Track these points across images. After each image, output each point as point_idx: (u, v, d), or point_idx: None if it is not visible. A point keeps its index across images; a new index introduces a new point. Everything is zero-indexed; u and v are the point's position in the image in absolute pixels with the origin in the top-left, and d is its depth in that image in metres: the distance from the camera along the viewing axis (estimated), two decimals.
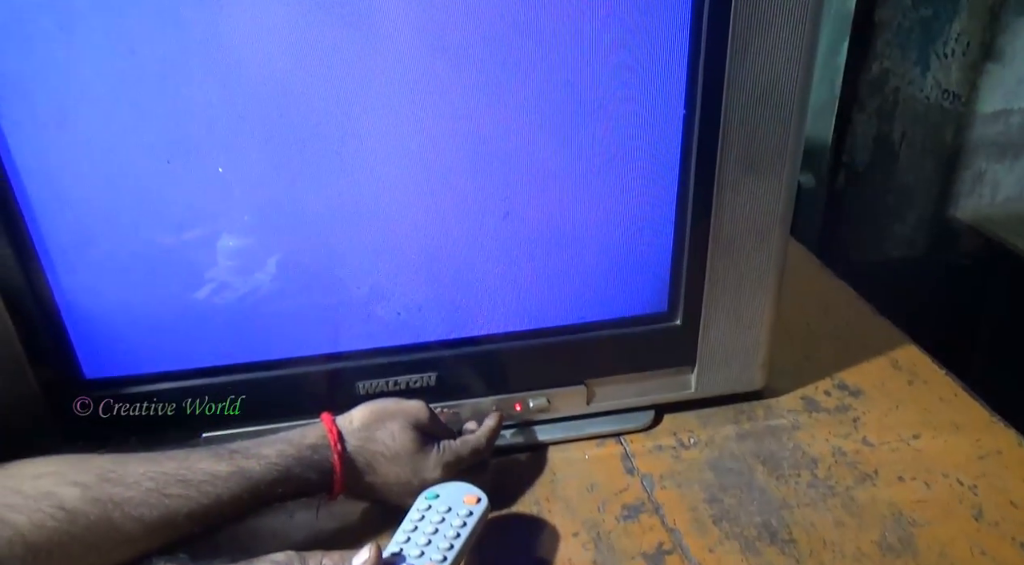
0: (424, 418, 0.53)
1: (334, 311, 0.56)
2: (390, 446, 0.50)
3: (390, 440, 0.51)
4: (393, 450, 0.50)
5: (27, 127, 0.46)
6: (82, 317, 0.52)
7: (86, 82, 0.45)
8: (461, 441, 0.54)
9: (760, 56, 0.50)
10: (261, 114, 0.48)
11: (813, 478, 0.58)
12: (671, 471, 0.59)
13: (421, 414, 0.53)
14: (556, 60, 0.49)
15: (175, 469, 0.45)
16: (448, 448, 0.52)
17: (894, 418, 0.63)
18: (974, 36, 1.05)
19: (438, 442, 0.53)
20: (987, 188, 1.18)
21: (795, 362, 0.69)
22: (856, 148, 1.18)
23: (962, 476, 0.57)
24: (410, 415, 0.52)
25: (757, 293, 0.59)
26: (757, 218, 0.55)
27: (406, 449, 0.51)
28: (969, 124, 1.11)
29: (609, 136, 0.52)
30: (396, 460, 0.51)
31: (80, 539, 0.41)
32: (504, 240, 0.55)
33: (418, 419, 0.52)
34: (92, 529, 0.41)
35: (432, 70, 0.48)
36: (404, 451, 0.51)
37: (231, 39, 0.46)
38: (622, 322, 0.60)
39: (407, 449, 0.51)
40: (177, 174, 0.49)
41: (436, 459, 0.51)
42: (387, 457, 0.50)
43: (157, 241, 0.51)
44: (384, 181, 0.51)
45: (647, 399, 0.63)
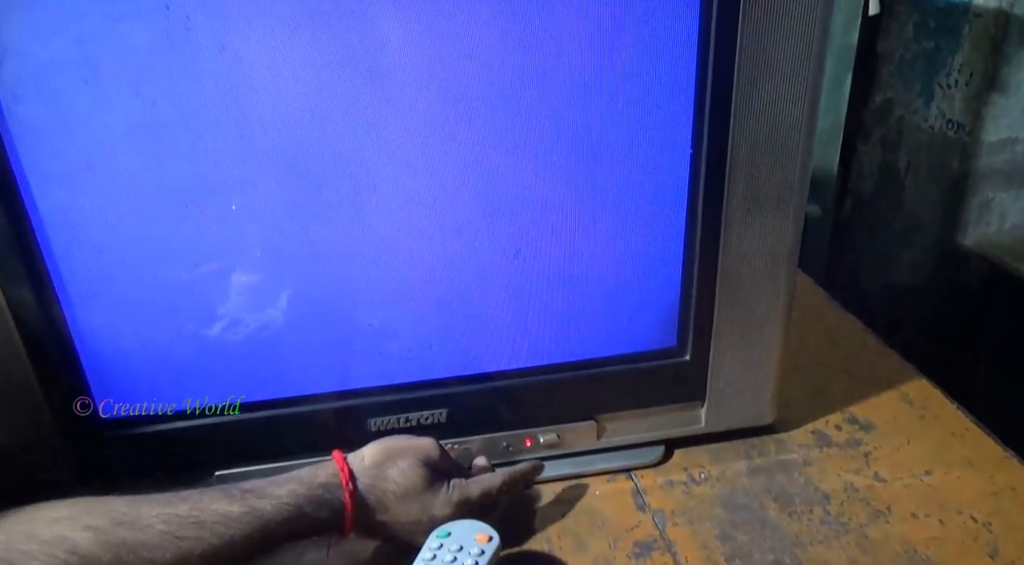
0: (435, 455, 0.53)
1: (346, 348, 0.56)
2: (400, 483, 0.51)
3: (400, 477, 0.51)
4: (403, 487, 0.51)
5: (52, 175, 0.47)
6: (98, 358, 0.53)
7: (109, 132, 0.46)
8: (472, 481, 0.54)
9: (766, 95, 0.51)
10: (278, 160, 0.49)
11: (826, 514, 0.57)
12: (683, 507, 0.59)
13: (432, 451, 0.53)
14: (564, 105, 0.50)
15: (188, 511, 0.45)
16: (458, 487, 0.52)
17: (906, 453, 0.63)
18: (976, 67, 1.06)
19: (448, 480, 0.53)
20: (994, 216, 1.18)
21: (805, 396, 0.69)
22: (862, 177, 1.18)
23: (976, 513, 0.57)
24: (420, 452, 0.52)
25: (766, 328, 0.59)
26: (765, 254, 0.56)
27: (416, 487, 0.51)
28: (974, 153, 1.12)
29: (617, 176, 0.53)
30: (406, 498, 0.51)
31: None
32: (514, 278, 0.55)
33: (428, 456, 0.52)
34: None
35: (444, 119, 0.49)
36: (414, 488, 0.51)
37: (250, 90, 0.47)
38: (631, 358, 0.60)
39: (417, 487, 0.51)
40: (195, 216, 0.50)
41: (446, 497, 0.52)
42: (397, 495, 0.51)
43: (172, 280, 0.52)
44: (396, 223, 0.52)
45: (657, 434, 0.63)
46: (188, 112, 0.47)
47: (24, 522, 0.42)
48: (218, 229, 0.51)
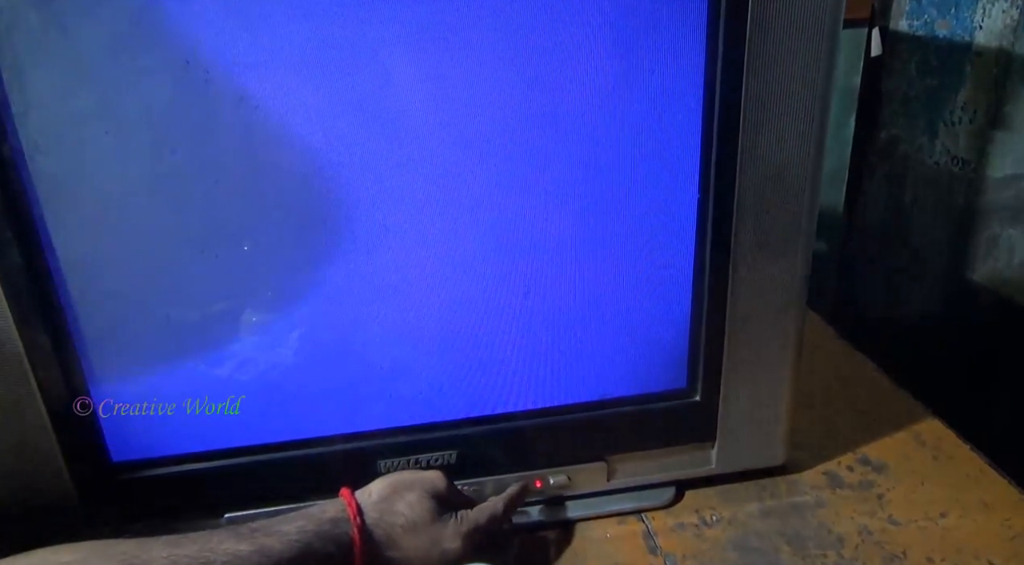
0: (442, 487, 0.53)
1: (356, 389, 0.56)
2: (408, 516, 0.50)
3: (408, 510, 0.51)
4: (411, 520, 0.50)
5: (71, 222, 0.48)
6: (111, 400, 0.53)
7: (128, 180, 0.47)
8: (478, 509, 0.54)
9: (771, 139, 0.52)
10: (291, 204, 0.50)
11: (840, 559, 0.57)
12: (694, 551, 0.58)
13: (439, 483, 0.53)
14: (574, 149, 0.51)
15: (197, 552, 0.45)
16: (466, 517, 0.52)
17: (920, 495, 0.62)
18: (980, 104, 1.07)
19: (456, 512, 0.53)
20: (1003, 252, 1.18)
21: (815, 436, 0.68)
22: (868, 213, 1.19)
23: (994, 558, 0.56)
24: (428, 485, 0.52)
25: (776, 368, 0.59)
26: (773, 295, 0.56)
27: (424, 519, 0.51)
28: (980, 189, 1.12)
29: (626, 218, 0.54)
30: (415, 530, 0.50)
31: None
32: (524, 318, 0.56)
33: (436, 488, 0.53)
34: None
35: (454, 161, 0.50)
36: (422, 521, 0.51)
37: (266, 138, 0.48)
38: (642, 399, 0.60)
39: (425, 519, 0.51)
40: (209, 261, 0.50)
41: (454, 528, 0.51)
42: (406, 527, 0.50)
43: (184, 320, 0.52)
44: (406, 263, 0.53)
45: (668, 475, 0.63)
46: (205, 161, 0.48)
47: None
48: (230, 271, 0.51)
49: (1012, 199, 1.14)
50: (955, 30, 1.06)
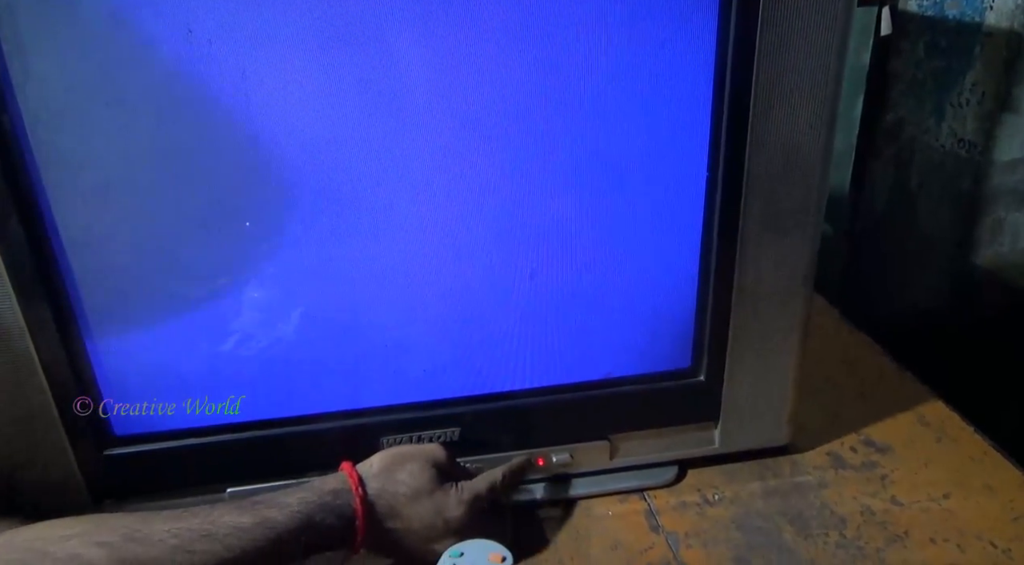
0: (442, 458, 0.53)
1: (359, 367, 0.56)
2: (410, 485, 0.51)
3: (410, 479, 0.51)
4: (413, 489, 0.51)
5: (72, 195, 0.47)
6: (113, 375, 0.53)
7: (130, 154, 0.47)
8: (479, 477, 0.54)
9: (783, 117, 0.51)
10: (296, 181, 0.49)
11: (842, 538, 0.57)
12: (696, 529, 0.58)
13: (439, 455, 0.54)
14: (580, 127, 0.50)
15: (199, 524, 0.45)
16: (466, 486, 0.53)
17: (923, 477, 0.62)
18: (988, 86, 1.06)
19: (457, 481, 0.53)
20: (1007, 236, 1.17)
21: (819, 417, 0.68)
22: (874, 196, 1.18)
23: (996, 539, 0.56)
24: (429, 455, 0.53)
25: (781, 349, 0.59)
26: (781, 275, 0.56)
27: (426, 487, 0.51)
28: (986, 173, 1.11)
29: (633, 197, 0.53)
30: (417, 499, 0.51)
31: None
32: (529, 298, 0.55)
33: (436, 459, 0.53)
34: None
35: (460, 140, 0.50)
36: (424, 489, 0.51)
37: (270, 113, 0.47)
38: (646, 378, 0.60)
39: (427, 487, 0.51)
40: (212, 236, 0.50)
41: (456, 497, 0.52)
42: (408, 497, 0.51)
43: (187, 297, 0.52)
44: (411, 243, 0.52)
45: (671, 454, 0.63)
46: (208, 135, 0.47)
47: (36, 540, 0.42)
48: (234, 247, 0.51)
49: (1018, 183, 1.13)
50: (965, 10, 1.05)
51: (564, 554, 0.56)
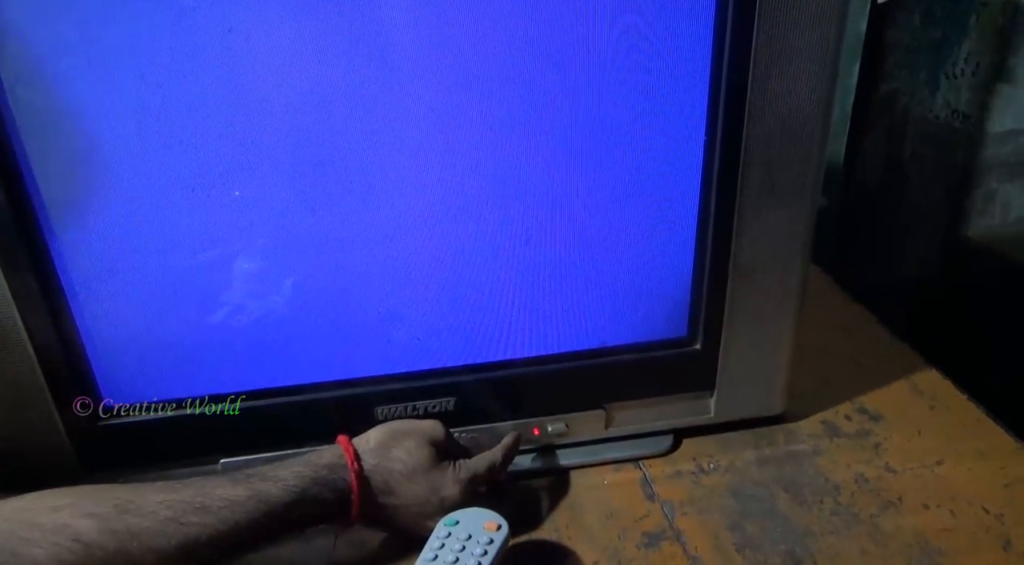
0: (440, 436, 0.53)
1: (353, 336, 0.55)
2: (407, 462, 0.50)
3: (406, 456, 0.50)
4: (410, 466, 0.50)
5: (55, 158, 0.46)
6: (102, 345, 0.52)
7: (113, 115, 0.45)
8: (476, 458, 0.54)
9: (782, 82, 0.50)
10: (285, 144, 0.48)
11: (836, 505, 0.57)
12: (691, 497, 0.58)
13: (437, 432, 0.53)
14: (577, 91, 0.49)
15: (192, 496, 0.45)
16: (464, 465, 0.52)
17: (917, 444, 0.62)
18: (983, 57, 1.05)
19: (454, 460, 0.53)
20: (998, 208, 1.17)
21: (814, 386, 0.68)
22: (867, 168, 1.18)
23: (988, 504, 0.56)
24: (426, 433, 0.52)
25: (777, 318, 0.59)
26: (778, 243, 0.55)
27: (422, 465, 0.51)
28: (980, 144, 1.11)
29: (630, 162, 0.52)
30: (413, 477, 0.50)
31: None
32: (525, 266, 0.54)
33: (434, 436, 0.52)
34: (109, 561, 0.41)
35: (454, 102, 0.48)
36: (421, 467, 0.50)
37: (257, 73, 0.46)
38: (641, 347, 0.59)
39: (423, 465, 0.51)
40: (199, 202, 0.49)
41: (453, 476, 0.51)
42: (404, 474, 0.50)
43: (176, 266, 0.51)
44: (405, 208, 0.51)
45: (666, 423, 0.63)
46: (193, 96, 0.46)
47: (25, 510, 0.42)
48: (223, 215, 0.50)
49: (1010, 154, 1.13)
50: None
51: (560, 523, 0.56)
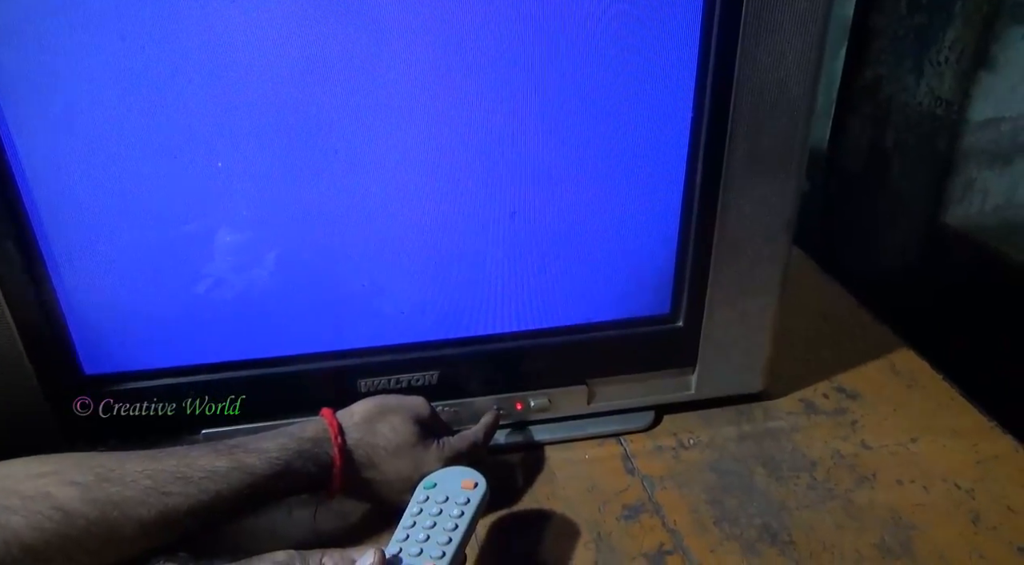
0: (425, 413, 0.53)
1: (336, 308, 0.55)
2: (391, 439, 0.50)
3: (391, 433, 0.51)
4: (394, 443, 0.50)
5: (33, 125, 0.45)
6: (82, 314, 0.51)
7: (94, 78, 0.45)
8: (459, 436, 0.54)
9: (770, 53, 0.50)
10: (268, 111, 0.48)
11: (812, 480, 0.58)
12: (671, 472, 0.59)
13: (422, 409, 0.53)
14: (565, 61, 0.49)
15: (174, 466, 0.44)
16: (447, 444, 0.53)
17: (892, 422, 0.64)
18: (967, 44, 1.06)
19: (438, 438, 0.53)
20: (977, 195, 1.18)
21: (794, 365, 0.69)
22: (850, 154, 1.19)
23: (960, 480, 0.57)
24: (411, 410, 0.52)
25: (760, 296, 0.59)
26: (762, 220, 0.56)
27: (407, 442, 0.51)
28: (961, 132, 1.12)
29: (617, 137, 0.52)
30: (397, 453, 0.50)
31: (78, 541, 0.40)
32: (509, 239, 0.54)
33: (419, 414, 0.52)
34: (90, 530, 0.41)
35: (440, 71, 0.48)
36: (405, 444, 0.51)
37: (241, 36, 0.45)
38: (624, 323, 0.60)
39: (408, 442, 0.51)
40: (181, 170, 0.48)
41: (436, 453, 0.52)
42: (388, 450, 0.50)
43: (158, 236, 0.50)
44: (389, 179, 0.51)
45: (648, 400, 0.63)
46: (176, 59, 0.45)
47: (5, 477, 0.41)
48: (205, 184, 0.49)
49: (990, 142, 1.14)
50: None
51: (541, 495, 0.57)
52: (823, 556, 0.52)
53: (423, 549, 0.44)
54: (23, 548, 0.38)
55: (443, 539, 0.44)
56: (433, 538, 0.44)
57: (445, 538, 0.44)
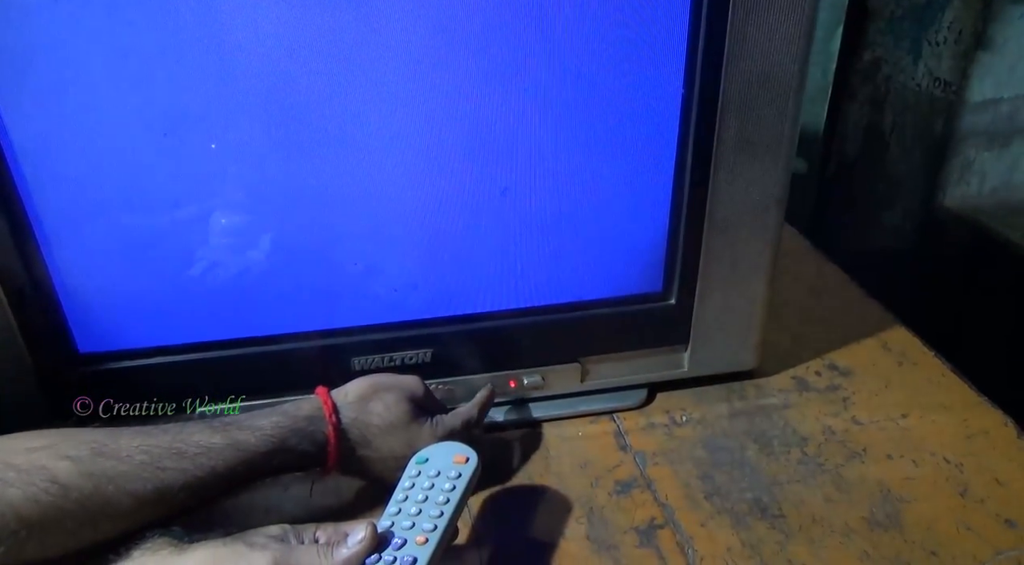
0: (419, 392, 0.53)
1: (329, 287, 0.56)
2: (385, 417, 0.51)
3: (385, 411, 0.51)
4: (388, 421, 0.51)
5: (22, 101, 0.45)
6: (76, 292, 0.51)
7: (82, 54, 0.45)
8: (453, 414, 0.54)
9: (759, 35, 0.50)
10: (260, 91, 0.48)
11: (803, 456, 0.58)
12: (663, 448, 0.60)
13: (416, 388, 0.53)
14: (555, 40, 0.49)
15: (169, 442, 0.45)
16: (441, 422, 0.53)
17: (883, 398, 0.64)
18: (966, 24, 1.06)
19: (432, 416, 0.53)
20: (975, 177, 1.18)
21: (786, 343, 0.69)
22: (847, 137, 1.18)
23: (949, 455, 0.58)
24: (405, 388, 0.53)
25: (752, 273, 0.59)
26: (754, 198, 0.56)
27: (401, 420, 0.51)
28: (959, 113, 1.12)
29: (607, 115, 0.52)
30: (391, 431, 0.51)
31: (73, 514, 0.41)
32: (501, 218, 0.55)
33: (413, 392, 0.53)
34: (85, 503, 0.41)
35: (431, 50, 0.48)
36: (399, 422, 0.51)
37: (232, 14, 0.45)
38: (617, 301, 0.60)
39: (401, 420, 0.51)
40: (173, 149, 0.48)
41: (430, 431, 0.52)
42: (382, 428, 0.51)
43: (151, 217, 0.50)
44: (381, 158, 0.51)
45: (640, 377, 0.64)
46: (166, 35, 0.45)
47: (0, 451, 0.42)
48: (197, 166, 0.49)
49: (988, 124, 1.14)
50: None
51: (534, 472, 0.57)
52: (812, 529, 0.52)
53: (415, 522, 0.44)
54: (20, 520, 0.39)
55: (435, 512, 0.45)
56: (425, 512, 0.45)
57: (437, 512, 0.45)
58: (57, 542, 0.41)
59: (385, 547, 0.43)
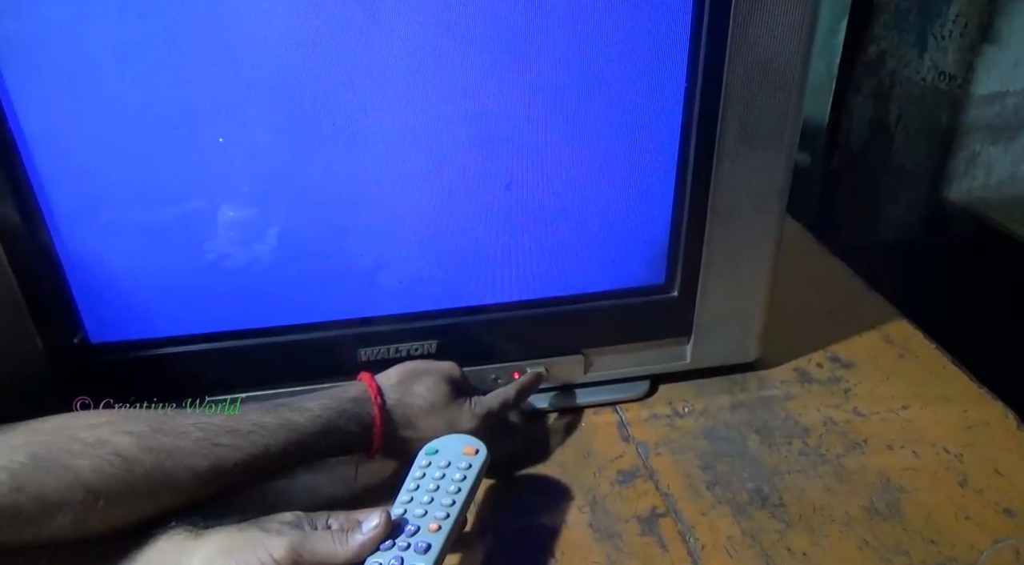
0: (456, 375, 0.55)
1: (335, 279, 0.56)
2: (426, 398, 0.53)
3: (426, 392, 0.53)
4: (429, 402, 0.53)
5: (34, 91, 0.46)
6: (87, 282, 0.52)
7: (93, 48, 0.45)
8: (492, 394, 0.56)
9: (762, 27, 0.50)
10: (267, 85, 0.48)
11: (804, 446, 0.59)
12: (666, 439, 0.60)
13: (454, 371, 0.55)
14: (558, 35, 0.49)
15: (223, 421, 0.46)
16: (479, 401, 0.55)
17: (884, 389, 0.64)
18: (972, 17, 1.05)
19: (471, 397, 0.55)
20: (980, 170, 1.18)
21: (788, 335, 0.70)
22: (852, 130, 1.18)
23: (949, 446, 0.58)
24: (444, 371, 0.55)
25: (754, 265, 0.60)
26: (756, 190, 0.56)
27: (441, 401, 0.53)
28: (964, 106, 1.12)
29: (610, 108, 0.53)
30: (432, 412, 0.53)
31: (134, 486, 0.42)
32: (505, 210, 0.55)
33: (451, 375, 0.55)
34: (146, 477, 0.42)
35: (437, 46, 0.48)
36: (439, 403, 0.53)
37: (240, 9, 0.46)
38: (620, 293, 0.61)
39: (442, 401, 0.53)
40: (182, 142, 0.49)
41: (469, 411, 0.54)
42: (424, 409, 0.52)
43: (160, 209, 0.51)
44: (387, 153, 0.52)
45: (643, 369, 0.64)
46: (175, 30, 0.46)
47: (65, 427, 0.43)
48: (206, 158, 0.50)
49: (994, 117, 1.14)
50: None
51: (538, 461, 0.58)
52: (813, 518, 0.53)
53: (427, 510, 0.45)
54: (87, 489, 0.40)
55: (447, 501, 0.46)
56: (437, 500, 0.46)
57: (449, 500, 0.46)
58: (118, 513, 0.42)
59: (399, 534, 0.44)
